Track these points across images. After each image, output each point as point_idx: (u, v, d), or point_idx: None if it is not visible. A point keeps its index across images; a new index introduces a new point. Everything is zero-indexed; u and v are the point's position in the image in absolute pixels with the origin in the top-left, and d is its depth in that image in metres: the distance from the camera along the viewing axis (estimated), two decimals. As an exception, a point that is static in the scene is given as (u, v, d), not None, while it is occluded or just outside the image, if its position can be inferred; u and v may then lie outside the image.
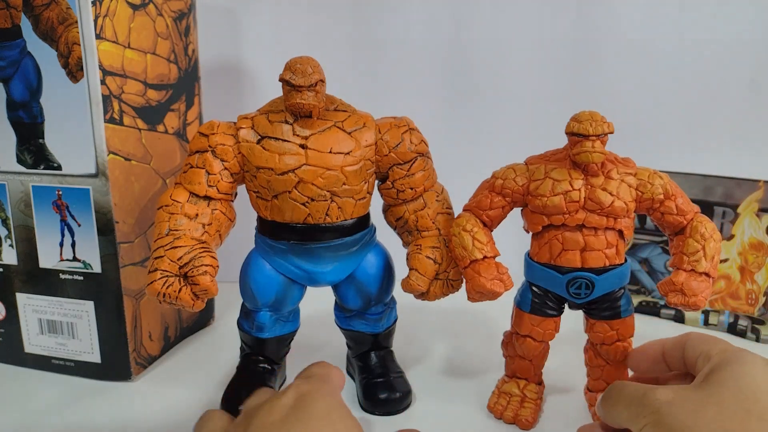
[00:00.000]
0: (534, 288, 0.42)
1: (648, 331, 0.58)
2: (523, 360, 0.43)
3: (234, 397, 0.43)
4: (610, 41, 0.67)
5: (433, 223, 0.42)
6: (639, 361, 0.38)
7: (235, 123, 0.40)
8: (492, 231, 0.42)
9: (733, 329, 0.58)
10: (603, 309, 0.41)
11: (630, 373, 0.42)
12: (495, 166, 0.43)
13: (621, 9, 0.66)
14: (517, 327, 0.43)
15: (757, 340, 0.56)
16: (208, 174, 0.40)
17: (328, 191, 0.39)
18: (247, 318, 0.45)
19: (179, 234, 0.38)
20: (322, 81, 0.39)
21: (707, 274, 0.39)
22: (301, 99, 0.38)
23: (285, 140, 0.39)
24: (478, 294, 0.40)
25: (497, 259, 0.41)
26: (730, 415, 0.28)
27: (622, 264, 0.40)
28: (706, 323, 0.59)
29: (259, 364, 0.45)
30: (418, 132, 0.43)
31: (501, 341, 0.45)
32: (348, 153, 0.39)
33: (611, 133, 0.38)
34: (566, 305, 0.42)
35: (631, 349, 0.40)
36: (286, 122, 0.39)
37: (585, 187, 0.38)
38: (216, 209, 0.40)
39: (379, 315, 0.45)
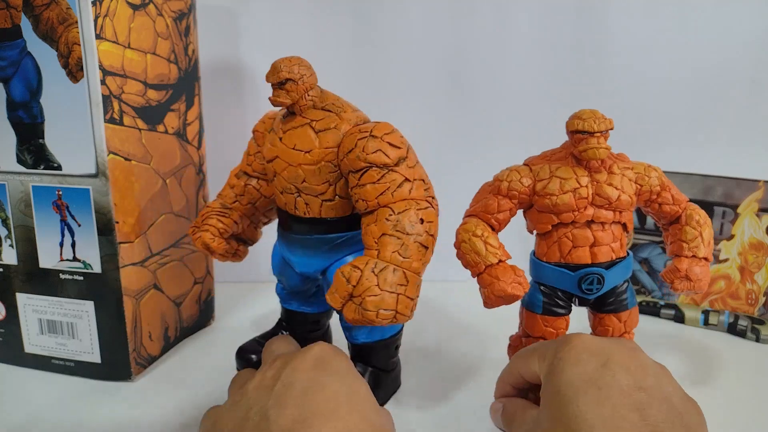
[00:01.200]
0: (543, 288, 0.41)
1: (648, 331, 0.58)
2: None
3: (248, 348, 0.48)
4: (610, 41, 0.67)
5: (375, 242, 0.37)
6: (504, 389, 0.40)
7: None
8: (498, 234, 0.42)
9: (733, 329, 0.58)
10: (610, 303, 0.41)
11: None
12: (495, 165, 0.43)
13: (621, 9, 0.66)
14: (529, 329, 0.42)
15: (757, 340, 0.56)
16: (248, 154, 0.48)
17: (292, 185, 0.41)
18: (276, 285, 0.50)
19: (217, 198, 0.48)
20: (293, 80, 0.40)
21: (706, 259, 0.41)
22: (272, 96, 0.41)
23: (275, 132, 0.42)
24: (498, 299, 0.39)
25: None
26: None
27: (626, 257, 0.41)
28: (706, 323, 0.59)
29: (282, 330, 0.50)
30: (381, 141, 0.38)
31: (507, 346, 0.45)
32: (307, 152, 0.40)
33: (612, 129, 0.39)
34: (575, 301, 0.42)
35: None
36: (283, 116, 0.43)
37: (591, 184, 0.39)
38: (250, 184, 0.47)
39: (348, 324, 0.44)
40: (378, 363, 0.45)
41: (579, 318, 0.44)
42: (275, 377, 0.33)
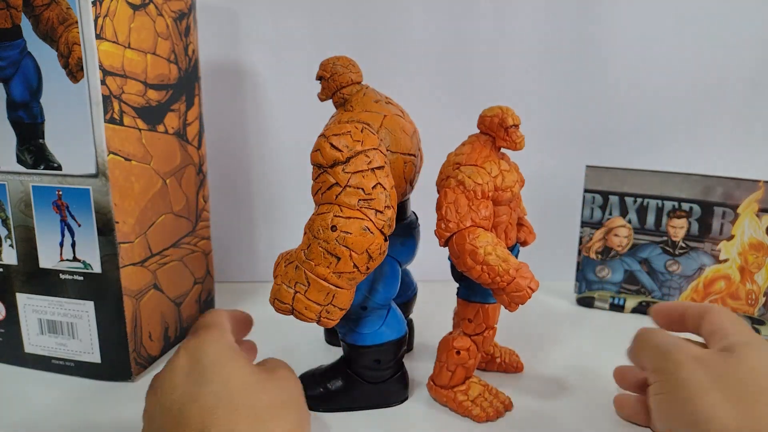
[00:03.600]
0: None
1: (648, 331, 0.58)
2: (478, 354, 0.44)
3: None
4: (610, 41, 0.67)
5: (304, 233, 0.37)
6: (660, 315, 0.42)
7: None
8: None
9: (733, 329, 0.58)
10: None
11: None
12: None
13: (621, 9, 0.66)
14: (492, 321, 0.43)
15: (757, 340, 0.56)
16: None
17: None
18: None
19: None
20: (324, 78, 0.43)
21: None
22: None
23: None
24: (527, 298, 0.38)
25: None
26: (746, 388, 0.32)
27: None
28: (706, 323, 0.59)
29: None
30: (325, 140, 0.37)
31: (443, 355, 0.44)
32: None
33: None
34: None
35: (658, 303, 0.43)
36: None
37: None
38: None
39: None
40: (355, 368, 0.44)
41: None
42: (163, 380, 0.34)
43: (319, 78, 0.43)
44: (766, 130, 0.69)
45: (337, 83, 0.42)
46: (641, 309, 0.62)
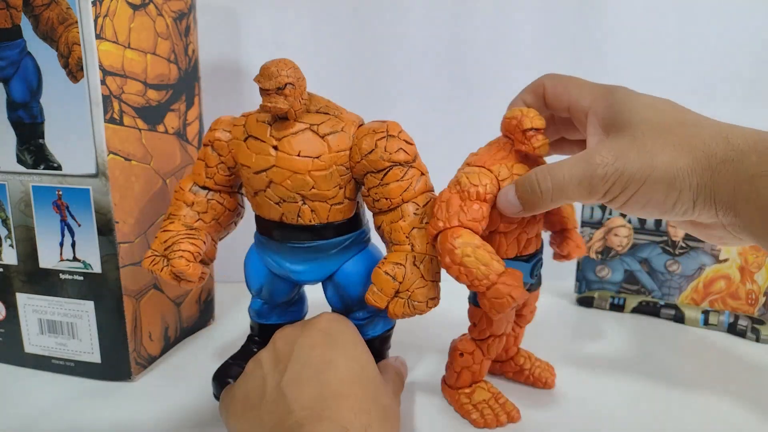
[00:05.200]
0: None
1: (648, 331, 0.58)
2: (488, 361, 0.44)
3: (223, 371, 0.44)
4: (610, 41, 0.67)
5: (406, 237, 0.39)
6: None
7: (237, 118, 0.42)
8: None
9: (733, 329, 0.58)
10: (533, 284, 0.44)
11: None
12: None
13: (621, 8, 0.66)
14: (495, 329, 0.43)
15: (757, 340, 0.56)
16: (207, 166, 0.43)
17: (297, 194, 0.39)
18: (252, 302, 0.47)
19: (174, 219, 0.43)
20: (292, 84, 0.38)
21: None
22: (268, 102, 0.37)
23: (262, 140, 0.39)
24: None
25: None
26: (669, 136, 0.34)
27: None
28: (706, 323, 0.59)
29: (255, 347, 0.46)
30: (399, 139, 0.39)
31: (450, 355, 0.44)
32: (317, 157, 0.38)
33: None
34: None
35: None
36: (267, 123, 0.39)
37: None
38: (213, 199, 0.43)
39: (363, 321, 0.43)
40: (383, 355, 0.46)
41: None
42: (288, 354, 0.34)
43: (282, 86, 0.38)
44: (766, 130, 0.69)
45: (301, 89, 0.39)
46: (641, 309, 0.62)
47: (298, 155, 0.38)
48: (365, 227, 0.43)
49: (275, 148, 0.38)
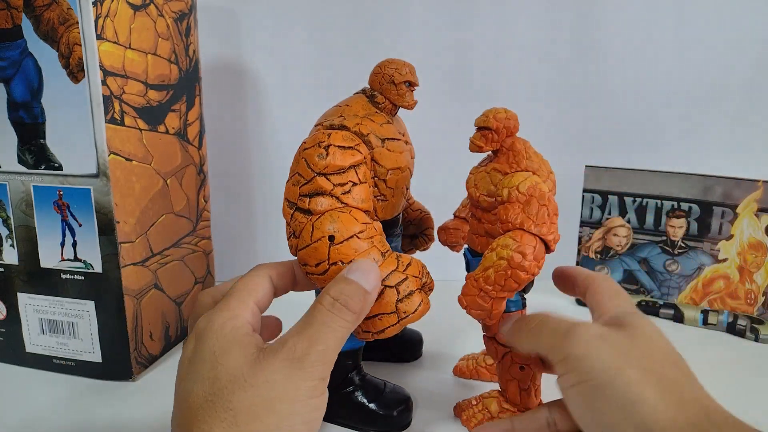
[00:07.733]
0: None
1: (647, 331, 0.58)
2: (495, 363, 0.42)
3: None
4: (610, 41, 0.67)
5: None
6: (559, 277, 0.42)
7: (352, 131, 0.37)
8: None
9: (732, 329, 0.58)
10: None
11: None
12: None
13: (621, 9, 0.66)
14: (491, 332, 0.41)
15: (756, 339, 0.57)
16: (369, 187, 0.36)
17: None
18: None
19: (392, 252, 0.35)
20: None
21: None
22: (414, 99, 0.41)
23: (397, 139, 0.40)
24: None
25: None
26: (653, 360, 0.32)
27: None
28: (705, 323, 0.60)
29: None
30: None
31: (507, 373, 0.41)
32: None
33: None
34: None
35: (558, 267, 0.42)
36: (389, 122, 0.40)
37: None
38: (375, 218, 0.37)
39: None
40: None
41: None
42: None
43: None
44: (765, 129, 0.69)
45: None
46: (641, 309, 0.63)
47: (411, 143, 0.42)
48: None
49: (406, 142, 0.41)
